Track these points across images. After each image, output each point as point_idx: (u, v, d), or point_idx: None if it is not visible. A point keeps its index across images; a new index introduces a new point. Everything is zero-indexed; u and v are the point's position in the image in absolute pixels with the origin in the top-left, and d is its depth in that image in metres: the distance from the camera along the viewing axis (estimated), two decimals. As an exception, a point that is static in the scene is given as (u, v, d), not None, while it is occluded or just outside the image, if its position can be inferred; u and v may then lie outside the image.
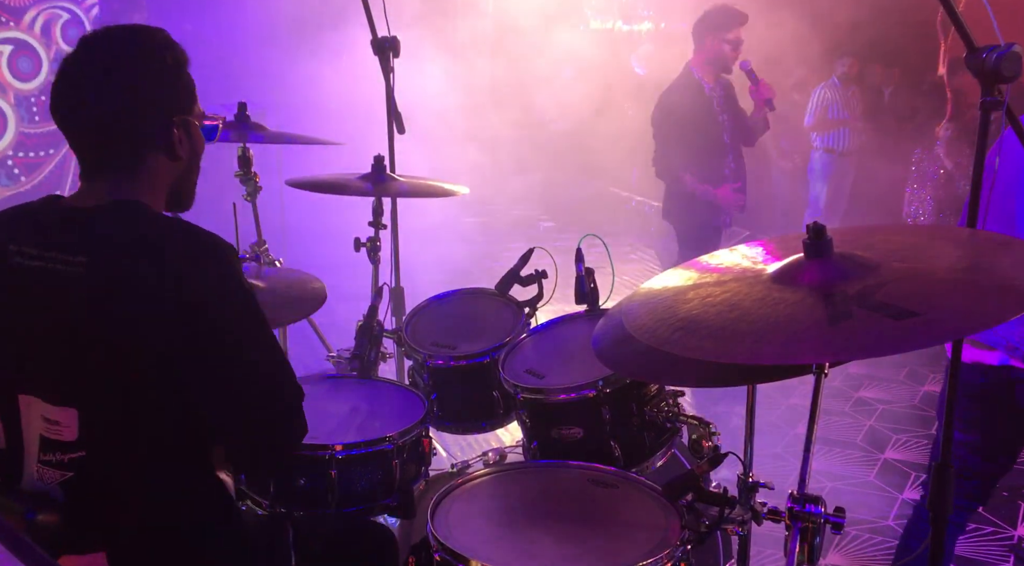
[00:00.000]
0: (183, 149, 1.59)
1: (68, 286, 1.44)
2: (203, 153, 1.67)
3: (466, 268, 6.01)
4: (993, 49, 1.42)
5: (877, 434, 4.37)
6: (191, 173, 1.66)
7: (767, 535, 1.90)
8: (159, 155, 1.57)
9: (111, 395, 1.46)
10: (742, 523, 1.57)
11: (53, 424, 1.47)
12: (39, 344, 1.49)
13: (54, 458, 1.49)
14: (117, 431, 1.48)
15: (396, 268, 2.99)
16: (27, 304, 1.49)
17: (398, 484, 2.04)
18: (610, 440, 1.94)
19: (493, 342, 2.36)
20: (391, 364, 2.76)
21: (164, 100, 1.56)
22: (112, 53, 1.54)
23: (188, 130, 1.60)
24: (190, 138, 1.61)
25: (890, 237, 1.53)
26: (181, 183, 1.64)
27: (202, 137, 1.64)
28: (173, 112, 1.57)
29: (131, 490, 1.52)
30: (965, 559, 3.27)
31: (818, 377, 1.40)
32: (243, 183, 3.12)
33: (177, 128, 1.56)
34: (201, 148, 1.66)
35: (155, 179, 1.58)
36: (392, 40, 2.90)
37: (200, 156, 1.67)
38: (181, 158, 1.59)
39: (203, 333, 1.45)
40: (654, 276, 1.66)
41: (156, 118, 1.55)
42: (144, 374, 1.45)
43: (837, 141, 7.12)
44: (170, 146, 1.56)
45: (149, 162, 1.57)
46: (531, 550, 1.59)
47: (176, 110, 1.57)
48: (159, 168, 1.58)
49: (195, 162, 1.65)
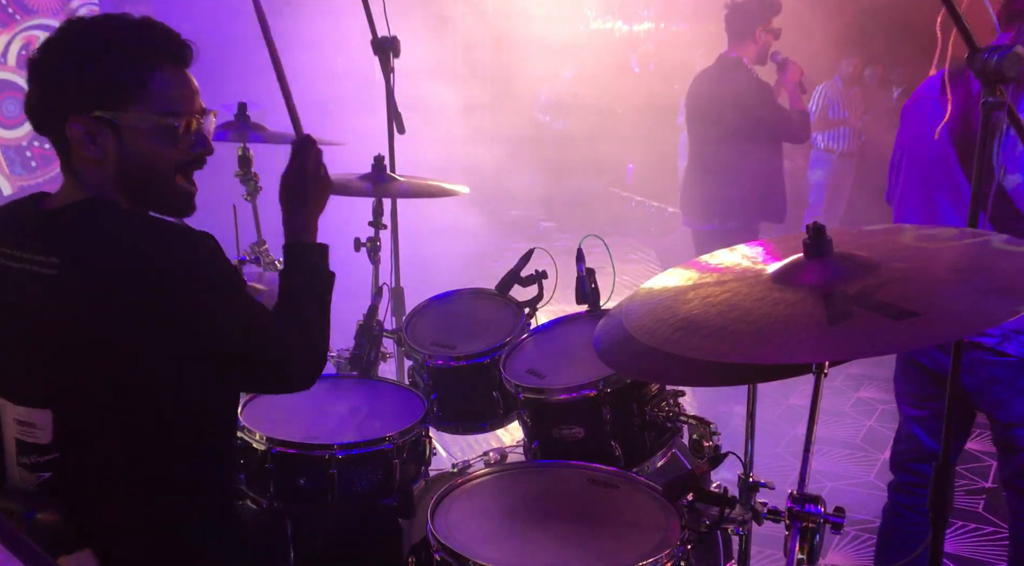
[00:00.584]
0: (97, 151, 1.47)
1: (42, 287, 1.42)
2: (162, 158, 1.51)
3: (466, 268, 6.01)
4: (994, 49, 1.42)
5: (877, 434, 4.37)
6: (139, 176, 1.51)
7: (767, 535, 1.90)
8: (80, 156, 1.48)
9: (85, 396, 1.45)
10: (742, 523, 1.57)
11: (28, 426, 1.45)
12: (12, 346, 1.47)
13: (30, 460, 1.47)
14: (93, 432, 1.47)
15: (396, 268, 2.99)
16: (3, 305, 1.48)
17: (398, 484, 2.04)
18: (611, 440, 1.94)
19: (493, 342, 2.36)
20: (391, 364, 2.76)
21: (69, 94, 1.45)
22: (40, 51, 1.48)
23: (110, 129, 1.46)
24: (118, 138, 1.47)
25: (890, 237, 1.53)
26: (130, 187, 1.51)
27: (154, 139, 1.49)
28: (79, 108, 1.45)
29: (112, 490, 1.50)
30: (965, 559, 3.27)
31: (818, 377, 1.40)
32: (243, 183, 3.12)
33: (84, 127, 1.45)
34: (149, 150, 1.50)
35: (89, 181, 1.50)
36: (392, 40, 2.90)
37: (152, 160, 1.51)
38: (101, 161, 1.48)
39: (175, 323, 1.43)
40: (654, 276, 1.66)
41: (54, 116, 1.47)
42: (117, 372, 1.44)
43: (837, 141, 7.12)
44: (82, 146, 1.46)
45: (75, 163, 1.50)
46: (531, 550, 1.59)
47: (84, 106, 1.45)
48: (86, 168, 1.49)
49: (137, 165, 1.50)
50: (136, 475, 1.51)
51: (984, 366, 2.26)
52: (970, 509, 3.64)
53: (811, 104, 7.12)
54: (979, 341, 2.24)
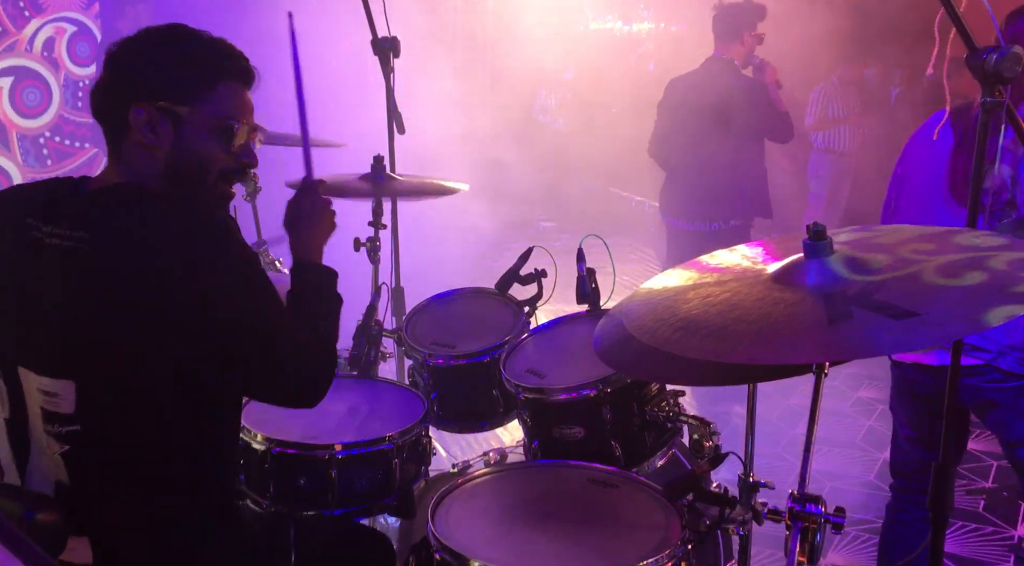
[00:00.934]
0: (154, 138, 1.54)
1: (73, 262, 1.46)
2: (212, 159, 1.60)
3: (466, 268, 6.00)
4: (993, 50, 1.43)
5: (877, 434, 4.36)
6: (186, 170, 1.58)
7: (767, 535, 1.90)
8: (134, 142, 1.55)
9: (107, 368, 1.48)
10: (742, 523, 1.57)
11: (52, 396, 1.50)
12: (40, 317, 1.51)
13: (54, 429, 1.51)
14: (113, 405, 1.49)
15: (396, 268, 2.99)
16: (34, 277, 1.52)
17: (398, 484, 2.04)
18: (611, 440, 1.94)
19: (493, 341, 2.36)
20: (391, 364, 2.76)
21: (140, 84, 1.54)
22: (122, 43, 1.58)
23: (172, 121, 1.54)
24: (177, 130, 1.55)
25: (890, 237, 1.53)
26: (176, 179, 1.58)
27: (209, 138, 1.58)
28: (147, 97, 1.53)
29: (112, 488, 1.52)
30: (965, 559, 3.27)
31: (818, 377, 1.40)
32: (243, 183, 3.12)
33: (147, 114, 1.53)
34: (202, 148, 1.58)
35: (135, 167, 1.57)
36: (392, 40, 2.90)
37: (202, 157, 1.59)
38: (155, 148, 1.55)
39: (195, 307, 1.45)
40: (654, 276, 1.66)
41: (121, 101, 1.54)
42: (138, 347, 1.46)
43: (837, 141, 7.12)
44: (141, 132, 1.53)
45: (125, 149, 1.57)
46: (531, 550, 1.59)
47: (152, 96, 1.53)
48: (137, 154, 1.56)
49: (186, 159, 1.58)
50: (136, 474, 1.52)
51: (981, 391, 2.25)
52: (970, 509, 3.64)
53: (810, 104, 7.13)
54: (972, 364, 2.21)
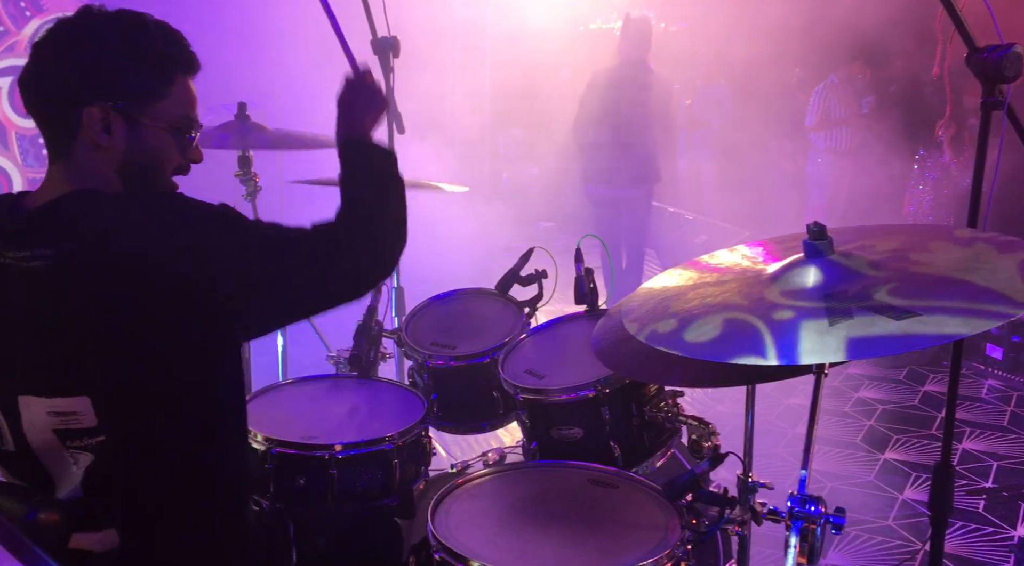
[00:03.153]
0: (108, 139, 1.47)
1: (39, 281, 1.41)
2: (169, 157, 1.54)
3: (466, 268, 6.00)
4: (994, 49, 1.43)
5: (877, 434, 4.37)
6: (142, 169, 1.52)
7: (767, 535, 1.90)
8: (85, 142, 1.48)
9: (120, 373, 1.44)
10: (742, 523, 1.57)
11: (68, 415, 1.45)
12: (25, 343, 1.46)
13: (80, 443, 1.47)
14: (133, 406, 1.46)
15: (396, 268, 2.99)
16: (9, 304, 1.46)
17: (398, 484, 2.04)
18: (610, 440, 1.94)
19: (493, 342, 2.36)
20: (391, 364, 2.76)
21: (94, 81, 1.45)
22: (60, 30, 1.48)
23: (127, 119, 1.47)
24: (133, 130, 1.48)
25: (890, 237, 1.53)
26: (131, 178, 1.51)
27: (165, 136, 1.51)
28: (101, 96, 1.45)
29: (147, 472, 1.50)
30: (965, 559, 3.27)
31: (818, 377, 1.40)
32: (243, 183, 3.12)
33: (102, 113, 1.45)
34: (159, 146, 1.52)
35: (87, 170, 1.49)
36: (392, 40, 2.90)
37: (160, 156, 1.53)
38: (108, 149, 1.47)
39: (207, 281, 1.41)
40: (654, 276, 1.66)
41: (71, 99, 1.46)
42: (139, 349, 1.43)
43: (837, 141, 7.11)
44: (94, 132, 1.46)
45: (75, 150, 1.49)
46: (531, 550, 1.59)
47: (108, 95, 1.45)
48: (89, 155, 1.48)
49: (142, 160, 1.51)
50: (137, 472, 1.51)
51: None
52: (970, 509, 3.64)
53: (811, 105, 7.12)
54: None
